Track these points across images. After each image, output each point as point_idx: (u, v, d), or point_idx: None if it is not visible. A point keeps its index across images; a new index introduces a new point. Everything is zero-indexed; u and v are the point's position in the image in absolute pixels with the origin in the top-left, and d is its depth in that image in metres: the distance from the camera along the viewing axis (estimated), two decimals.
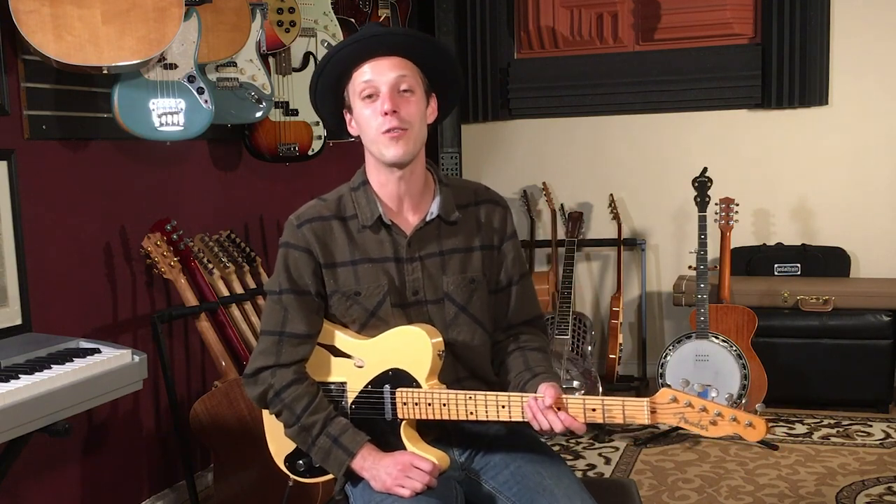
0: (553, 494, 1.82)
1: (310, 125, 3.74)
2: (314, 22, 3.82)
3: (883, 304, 4.17)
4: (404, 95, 1.86)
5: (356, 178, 1.98)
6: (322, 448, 1.88)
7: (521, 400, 1.80)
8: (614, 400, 1.75)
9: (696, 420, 1.70)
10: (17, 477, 2.66)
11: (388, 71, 1.85)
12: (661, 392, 1.73)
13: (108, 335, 3.04)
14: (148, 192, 3.26)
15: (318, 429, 1.88)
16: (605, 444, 3.92)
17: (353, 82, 1.88)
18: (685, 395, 1.70)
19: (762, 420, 1.68)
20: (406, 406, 1.87)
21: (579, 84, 4.89)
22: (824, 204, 4.66)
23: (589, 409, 1.76)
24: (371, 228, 1.92)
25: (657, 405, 1.72)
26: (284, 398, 1.90)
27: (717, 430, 1.69)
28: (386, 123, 1.84)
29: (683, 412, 1.71)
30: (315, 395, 1.91)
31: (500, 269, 2.02)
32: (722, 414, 1.68)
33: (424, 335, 1.87)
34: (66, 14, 2.57)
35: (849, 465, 3.59)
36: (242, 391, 3.02)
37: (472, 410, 1.83)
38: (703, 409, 1.69)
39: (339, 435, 1.87)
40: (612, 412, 1.74)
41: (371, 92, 1.86)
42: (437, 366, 1.88)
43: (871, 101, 4.53)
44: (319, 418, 1.88)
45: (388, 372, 1.89)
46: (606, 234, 4.91)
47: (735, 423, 1.68)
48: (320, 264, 1.91)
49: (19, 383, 2.04)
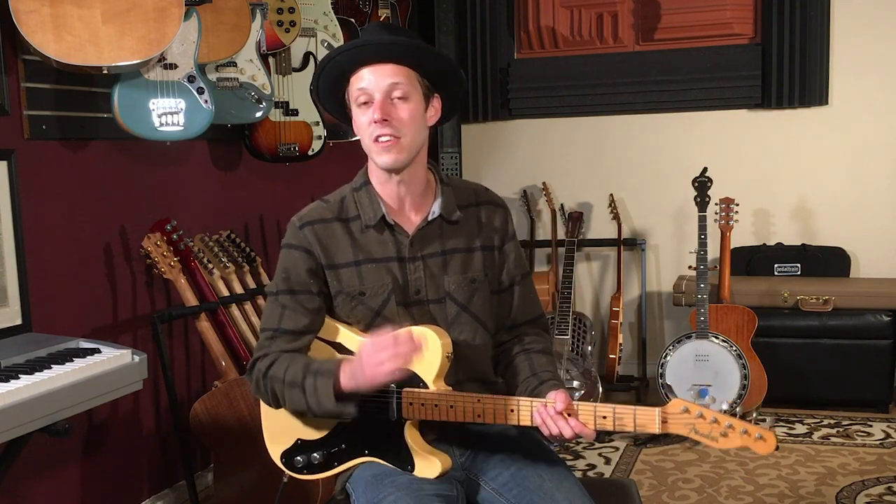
0: (553, 497, 1.81)
1: (310, 125, 3.74)
2: (314, 22, 3.82)
3: (883, 304, 4.17)
4: (397, 103, 1.86)
5: (358, 179, 1.99)
6: (311, 388, 1.82)
7: (531, 405, 1.80)
8: (626, 408, 1.74)
9: (707, 431, 1.70)
10: (17, 477, 2.65)
11: (381, 79, 1.85)
12: (672, 402, 1.73)
13: (108, 335, 3.04)
14: (148, 192, 3.26)
15: (301, 375, 1.84)
16: (605, 444, 3.92)
17: (351, 88, 1.90)
18: (697, 407, 1.70)
19: (772, 433, 1.68)
20: (412, 406, 1.86)
21: (579, 84, 4.89)
22: (824, 204, 4.66)
23: (600, 417, 1.75)
24: (374, 228, 1.93)
25: (669, 415, 1.72)
26: (270, 374, 1.88)
27: (728, 442, 1.69)
28: (376, 131, 1.85)
29: (694, 423, 1.71)
30: (294, 356, 1.89)
31: (503, 270, 2.03)
32: (733, 426, 1.68)
33: (435, 336, 1.86)
34: (66, 14, 2.57)
35: (849, 465, 3.59)
36: (242, 391, 3.03)
37: (479, 413, 1.82)
38: (715, 420, 1.69)
39: (318, 368, 1.84)
40: (624, 420, 1.74)
41: (366, 99, 1.87)
42: (445, 367, 1.88)
43: (871, 101, 4.53)
44: (300, 367, 1.85)
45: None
46: (606, 234, 4.91)
47: (746, 435, 1.68)
48: (322, 265, 1.92)
49: (19, 383, 2.04)
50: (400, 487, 1.81)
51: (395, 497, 1.79)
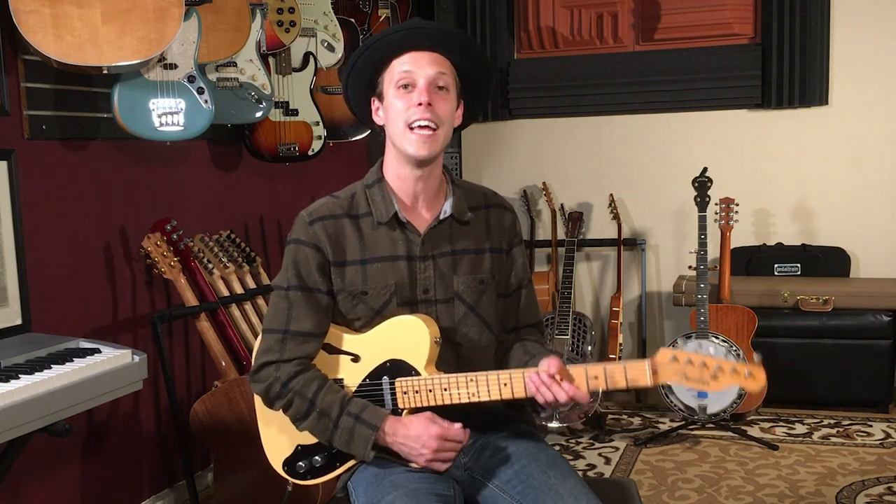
0: (558, 493, 1.81)
1: (310, 125, 3.74)
2: (314, 22, 3.82)
3: (883, 304, 4.17)
4: (440, 92, 1.86)
5: (371, 175, 1.98)
6: (346, 428, 1.85)
7: (523, 375, 1.81)
8: (616, 365, 1.77)
9: (698, 376, 1.73)
10: (17, 477, 2.65)
11: (428, 65, 1.85)
12: (660, 352, 1.75)
13: (108, 335, 3.04)
14: (148, 192, 3.26)
15: (337, 409, 1.85)
16: (605, 444, 3.92)
17: (392, 70, 1.87)
18: (685, 354, 1.73)
19: (761, 369, 1.71)
20: (406, 395, 1.87)
21: (579, 84, 4.88)
22: (824, 204, 4.66)
23: (592, 377, 1.78)
24: (386, 225, 1.92)
25: (658, 365, 1.74)
26: (293, 386, 1.88)
27: (719, 384, 1.72)
28: (418, 113, 1.84)
29: (685, 370, 1.73)
30: (325, 380, 1.90)
31: (511, 273, 2.04)
32: (722, 367, 1.71)
33: (420, 323, 1.87)
34: (66, 14, 2.57)
35: (849, 465, 3.59)
36: (242, 391, 3.03)
37: (473, 392, 1.83)
38: (704, 364, 1.72)
39: (360, 412, 1.85)
40: (615, 377, 1.76)
41: (408, 82, 1.85)
42: (435, 353, 1.88)
43: (871, 101, 4.53)
44: (336, 399, 1.86)
45: (385, 363, 1.90)
46: (606, 234, 4.91)
47: (736, 374, 1.71)
48: (329, 262, 1.91)
49: (19, 383, 2.04)
50: (398, 487, 1.81)
51: (392, 497, 1.79)
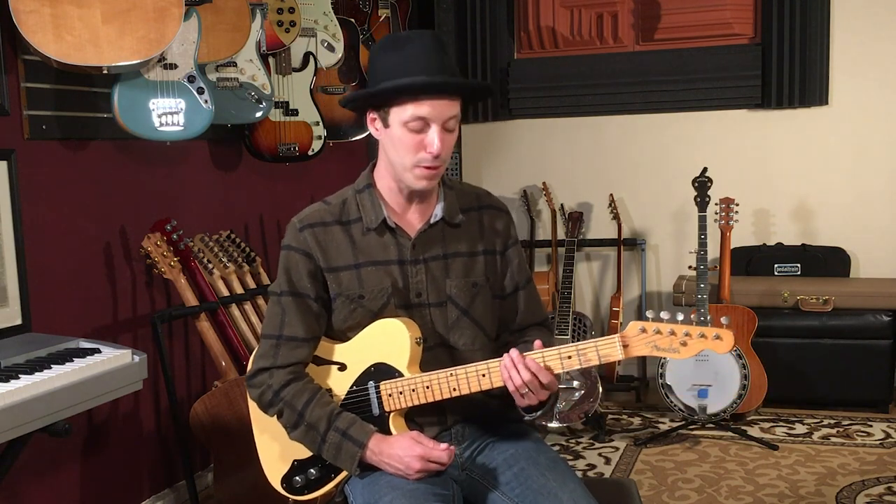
0: (557, 497, 1.81)
1: (310, 125, 3.74)
2: (314, 22, 3.82)
3: (883, 304, 4.17)
4: (447, 134, 1.86)
5: (361, 181, 1.98)
6: (333, 444, 1.87)
7: (500, 364, 1.83)
8: (587, 343, 1.79)
9: (668, 345, 1.75)
10: (17, 477, 2.66)
11: (443, 111, 1.84)
12: (629, 325, 1.78)
13: (108, 335, 3.04)
14: (148, 192, 3.26)
15: (325, 425, 1.87)
16: (605, 444, 3.92)
17: (404, 108, 1.83)
18: (653, 324, 1.76)
19: (728, 332, 1.73)
20: (392, 398, 1.88)
21: (579, 84, 4.89)
22: (824, 204, 4.66)
23: (565, 357, 1.80)
24: (376, 231, 1.93)
25: (628, 338, 1.77)
26: (284, 396, 1.90)
27: (689, 350, 1.74)
28: (427, 160, 1.84)
29: (654, 340, 1.76)
30: (316, 391, 1.91)
31: (506, 275, 2.04)
32: (690, 333, 1.74)
33: (400, 324, 1.89)
34: (66, 14, 2.57)
35: (849, 465, 3.59)
36: (242, 391, 3.02)
37: (454, 386, 1.85)
38: (672, 332, 1.75)
39: (347, 428, 1.87)
40: (588, 355, 1.79)
41: (420, 127, 1.83)
42: (417, 353, 1.90)
43: (871, 101, 4.53)
44: (324, 413, 1.88)
45: (370, 369, 1.91)
46: (606, 234, 4.91)
47: (703, 338, 1.73)
48: (321, 268, 1.92)
49: (19, 383, 2.04)
50: (396, 487, 1.82)
51: (390, 497, 1.79)
